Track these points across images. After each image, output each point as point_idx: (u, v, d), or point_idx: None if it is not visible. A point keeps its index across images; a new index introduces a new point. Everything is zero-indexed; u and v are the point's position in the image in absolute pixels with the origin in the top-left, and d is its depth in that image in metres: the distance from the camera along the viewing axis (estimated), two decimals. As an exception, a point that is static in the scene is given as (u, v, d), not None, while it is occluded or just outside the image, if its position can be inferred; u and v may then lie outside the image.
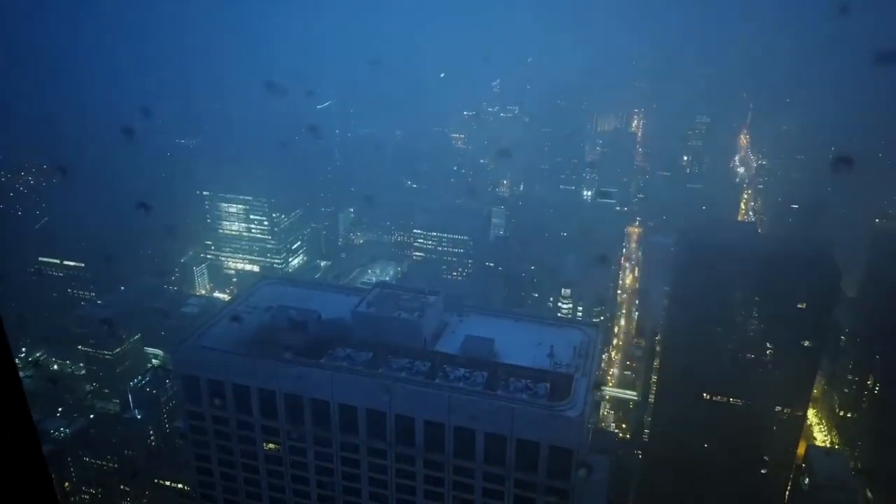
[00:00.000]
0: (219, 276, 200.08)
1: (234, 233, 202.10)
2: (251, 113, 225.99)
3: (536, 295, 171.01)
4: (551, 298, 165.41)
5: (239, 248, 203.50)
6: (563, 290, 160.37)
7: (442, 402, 47.00)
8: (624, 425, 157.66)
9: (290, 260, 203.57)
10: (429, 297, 55.36)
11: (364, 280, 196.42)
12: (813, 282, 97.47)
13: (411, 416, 48.33)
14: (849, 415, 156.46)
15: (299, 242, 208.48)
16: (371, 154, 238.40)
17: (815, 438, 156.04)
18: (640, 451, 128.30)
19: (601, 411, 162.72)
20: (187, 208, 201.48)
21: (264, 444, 55.92)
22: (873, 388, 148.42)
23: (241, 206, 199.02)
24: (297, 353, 52.54)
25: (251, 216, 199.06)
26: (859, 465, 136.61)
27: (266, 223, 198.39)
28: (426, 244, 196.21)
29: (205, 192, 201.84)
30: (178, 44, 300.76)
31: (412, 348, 52.23)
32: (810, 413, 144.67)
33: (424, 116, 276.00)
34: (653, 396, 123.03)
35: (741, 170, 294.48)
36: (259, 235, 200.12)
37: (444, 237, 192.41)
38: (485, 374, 49.34)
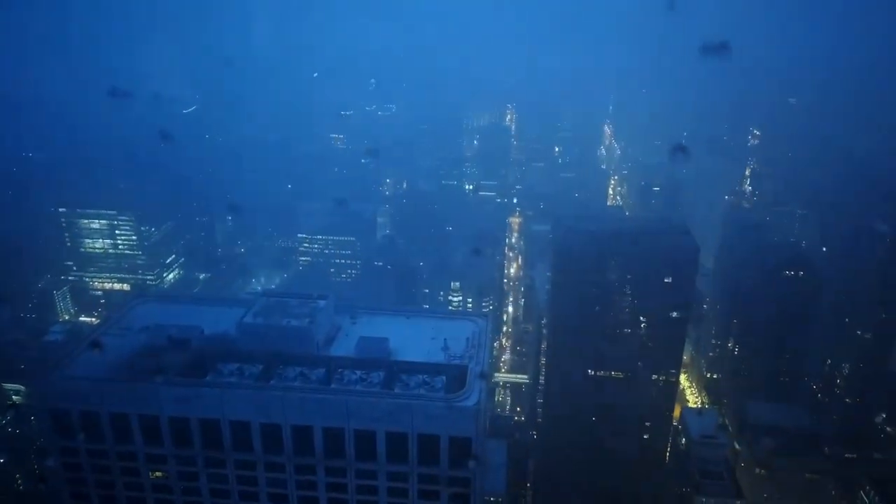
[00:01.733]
0: (84, 299, 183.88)
1: (98, 250, 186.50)
2: (105, 121, 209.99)
3: (427, 290, 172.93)
4: (441, 292, 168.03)
5: (105, 267, 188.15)
6: (452, 283, 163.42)
7: (340, 407, 46.37)
8: (518, 408, 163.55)
9: (164, 275, 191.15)
10: (318, 301, 54.26)
11: (249, 290, 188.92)
12: (675, 257, 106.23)
13: (309, 424, 47.24)
14: (715, 376, 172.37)
15: (173, 256, 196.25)
16: (246, 159, 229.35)
17: (688, 401, 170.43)
18: (534, 432, 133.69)
19: (496, 397, 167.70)
20: (40, 227, 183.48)
21: (150, 474, 52.36)
22: (733, 350, 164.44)
23: (104, 222, 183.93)
24: (180, 374, 49.58)
25: (117, 231, 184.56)
26: (726, 421, 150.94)
27: (134, 238, 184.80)
28: (312, 248, 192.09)
29: (61, 209, 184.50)
30: (16, 52, 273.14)
31: (305, 356, 51.01)
32: (682, 378, 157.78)
33: (300, 117, 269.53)
34: (543, 378, 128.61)
35: (607, 157, 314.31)
36: (127, 251, 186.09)
37: (330, 240, 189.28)
38: (381, 373, 49.22)
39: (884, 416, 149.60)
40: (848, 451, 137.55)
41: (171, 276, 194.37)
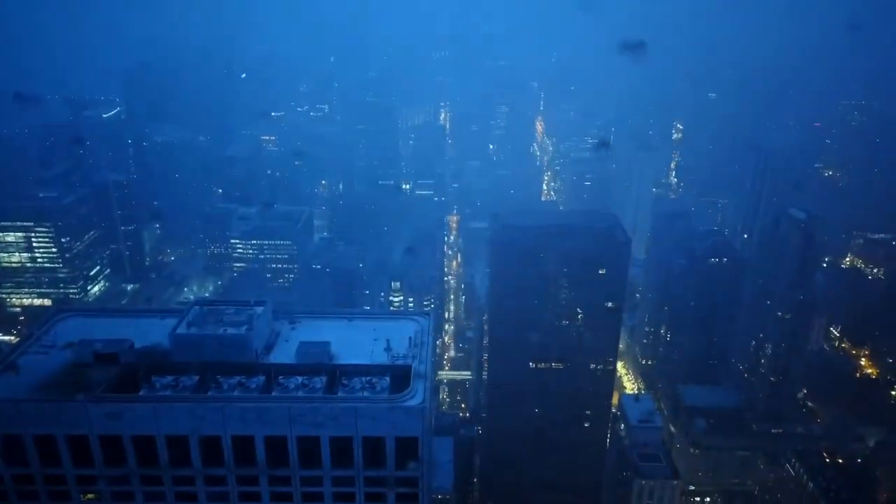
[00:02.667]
0: (1, 316, 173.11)
1: (14, 265, 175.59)
2: (16, 128, 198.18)
3: (367, 292, 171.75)
4: (382, 293, 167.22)
5: (24, 282, 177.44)
6: (392, 283, 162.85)
7: (282, 415, 45.41)
8: (463, 405, 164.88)
9: (88, 288, 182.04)
10: (255, 308, 52.89)
11: (181, 299, 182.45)
12: (608, 249, 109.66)
13: (250, 434, 46.04)
14: (649, 362, 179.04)
15: (98, 267, 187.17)
16: (173, 162, 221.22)
17: (625, 387, 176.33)
18: (479, 427, 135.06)
19: (441, 395, 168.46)
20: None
21: (81, 496, 49.83)
22: (665, 336, 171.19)
23: (19, 235, 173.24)
24: (110, 389, 47.35)
25: (34, 244, 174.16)
26: (661, 405, 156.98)
27: (54, 250, 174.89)
28: (247, 253, 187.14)
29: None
30: None
31: (243, 364, 49.66)
32: (619, 365, 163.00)
33: (229, 119, 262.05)
34: (486, 373, 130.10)
35: (540, 154, 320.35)
36: (47, 265, 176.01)
37: (265, 244, 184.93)
38: (324, 378, 48.52)
39: (805, 391, 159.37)
40: (774, 427, 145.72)
41: (96, 288, 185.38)
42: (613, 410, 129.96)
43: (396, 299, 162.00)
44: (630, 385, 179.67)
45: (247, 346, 50.38)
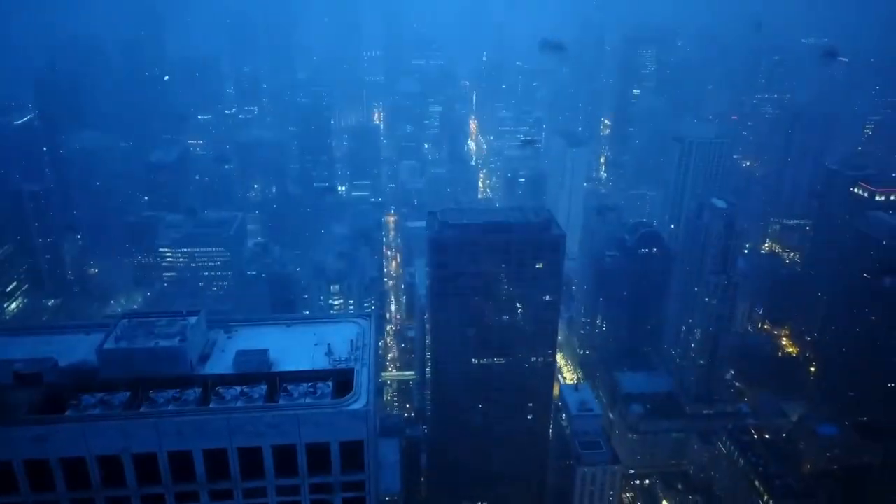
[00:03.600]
0: None
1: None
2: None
3: (306, 296, 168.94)
4: (321, 297, 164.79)
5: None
6: (331, 286, 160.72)
7: (221, 427, 44.10)
8: (408, 405, 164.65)
9: (5, 306, 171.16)
10: (189, 318, 51.09)
11: (108, 313, 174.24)
12: (544, 243, 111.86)
13: (187, 449, 44.47)
14: (587, 352, 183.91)
15: (15, 283, 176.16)
16: (94, 170, 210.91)
17: (565, 378, 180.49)
18: (425, 426, 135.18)
19: (385, 397, 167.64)
20: None
21: (6, 527, 47.00)
22: (601, 326, 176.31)
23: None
24: (34, 411, 44.79)
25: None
26: (600, 394, 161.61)
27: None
28: (177, 262, 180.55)
29: None
30: None
31: (178, 377, 47.91)
32: (558, 357, 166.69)
33: (153, 124, 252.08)
34: (429, 372, 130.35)
35: (475, 152, 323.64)
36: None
37: (196, 252, 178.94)
38: (263, 386, 47.42)
39: (732, 372, 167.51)
40: (705, 408, 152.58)
41: (13, 305, 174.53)
42: (555, 401, 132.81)
43: (336, 302, 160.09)
44: (570, 376, 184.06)
45: (181, 358, 48.67)
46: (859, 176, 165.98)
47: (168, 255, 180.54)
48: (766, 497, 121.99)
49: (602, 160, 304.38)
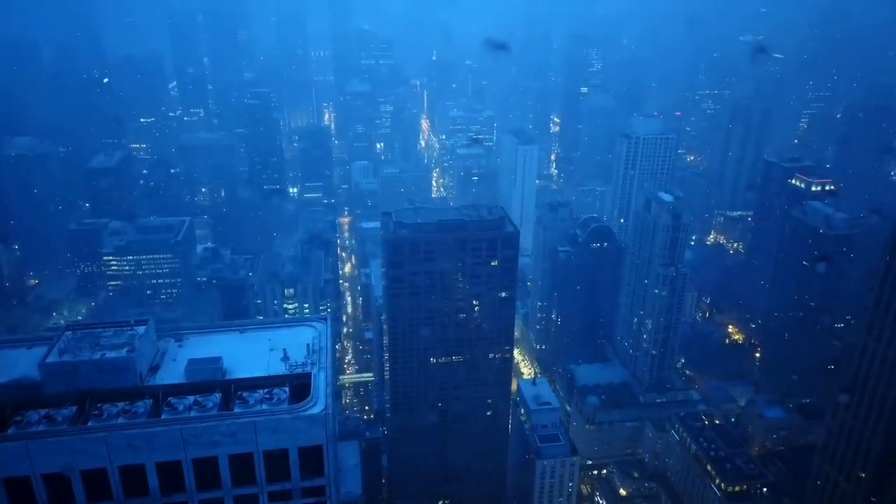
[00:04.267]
0: None
1: None
2: None
3: (259, 301, 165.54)
4: (276, 301, 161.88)
5: None
6: (285, 290, 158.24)
7: (174, 438, 42.93)
8: (367, 407, 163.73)
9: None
10: (136, 328, 49.52)
11: (50, 325, 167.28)
12: (498, 241, 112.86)
13: (139, 463, 43.14)
14: (543, 347, 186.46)
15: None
16: (30, 178, 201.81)
17: (523, 373, 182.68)
18: (385, 428, 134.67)
19: (344, 399, 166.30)
20: None
21: (-55, 555, 44.61)
22: (556, 321, 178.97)
23: None
24: (-28, 432, 42.72)
25: None
26: (557, 387, 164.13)
27: None
28: (123, 270, 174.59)
29: None
30: None
31: (127, 389, 46.39)
32: (516, 353, 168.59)
33: (92, 128, 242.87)
34: (388, 373, 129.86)
35: (427, 151, 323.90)
36: None
37: (142, 259, 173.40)
38: (217, 395, 46.34)
39: (682, 360, 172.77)
40: (658, 397, 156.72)
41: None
42: (513, 397, 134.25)
43: (291, 306, 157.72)
44: (527, 371, 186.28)
45: (129, 369, 47.17)
46: (796, 168, 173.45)
47: (113, 263, 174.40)
48: (717, 480, 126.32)
49: (553, 157, 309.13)
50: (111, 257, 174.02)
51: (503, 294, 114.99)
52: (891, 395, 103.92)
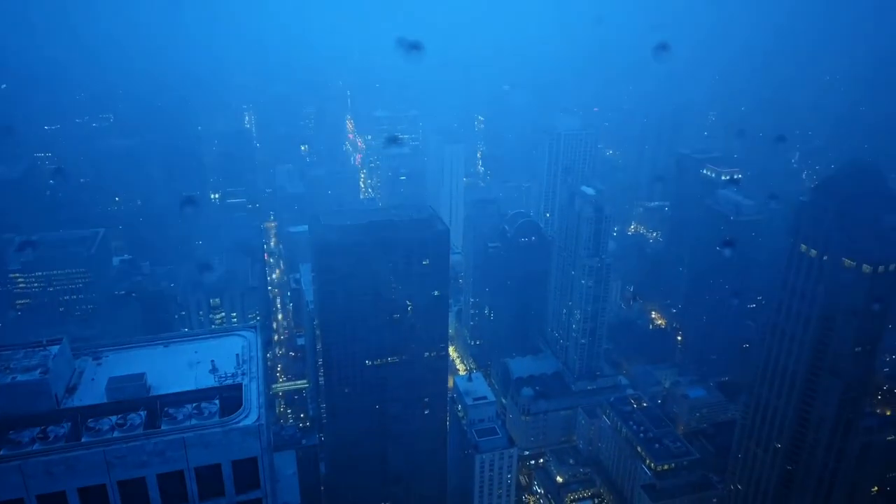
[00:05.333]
0: None
1: None
2: None
3: (184, 313, 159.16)
4: (201, 312, 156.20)
5: None
6: (211, 300, 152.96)
7: (97, 461, 40.84)
8: (302, 414, 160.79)
9: None
10: (50, 348, 46.75)
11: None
12: (429, 239, 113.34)
13: (60, 490, 40.82)
14: (477, 342, 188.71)
15: None
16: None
17: (459, 370, 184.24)
18: (321, 434, 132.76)
19: (277, 408, 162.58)
20: None
21: None
22: (489, 316, 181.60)
23: None
24: None
25: None
26: (492, 381, 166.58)
27: None
28: (31, 287, 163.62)
29: None
30: None
31: (42, 413, 43.74)
32: (451, 350, 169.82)
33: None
34: (322, 378, 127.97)
35: (354, 152, 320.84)
36: None
37: (53, 274, 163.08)
38: (142, 413, 44.41)
39: (610, 347, 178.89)
40: (589, 384, 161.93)
41: None
42: (450, 394, 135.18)
43: (217, 316, 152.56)
44: (462, 367, 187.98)
45: (43, 392, 44.53)
46: (706, 159, 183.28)
47: (20, 280, 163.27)
48: (647, 460, 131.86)
49: (479, 155, 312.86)
50: (18, 274, 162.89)
51: (436, 292, 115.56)
52: (800, 370, 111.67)
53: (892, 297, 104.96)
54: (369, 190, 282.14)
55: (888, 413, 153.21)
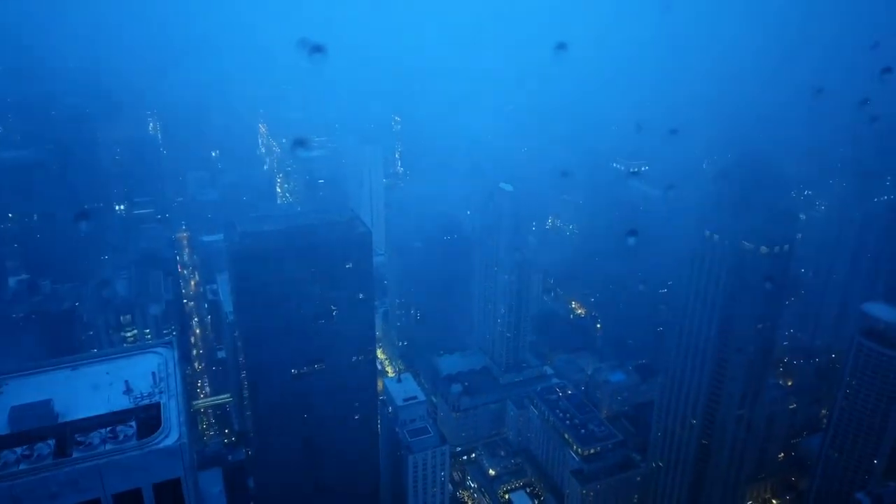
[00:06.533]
0: None
1: None
2: None
3: (91, 332, 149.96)
4: (110, 331, 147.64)
5: None
6: (121, 317, 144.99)
7: (1, 498, 38.01)
8: (227, 430, 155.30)
9: None
10: (-62, 380, 43.08)
11: None
12: (350, 242, 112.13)
13: (-41, 533, 37.70)
14: (405, 343, 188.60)
15: None
16: None
17: (388, 372, 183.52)
18: (248, 449, 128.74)
19: (201, 426, 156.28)
20: None
21: None
22: (415, 316, 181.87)
23: None
24: None
25: None
26: (422, 380, 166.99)
27: None
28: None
29: None
30: None
31: (-67, 452, 40.18)
32: (379, 353, 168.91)
33: None
34: (246, 391, 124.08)
35: (268, 156, 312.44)
36: None
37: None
38: (51, 442, 41.71)
39: (535, 339, 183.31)
40: (516, 376, 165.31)
41: None
42: (380, 396, 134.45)
43: (129, 334, 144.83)
44: (391, 369, 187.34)
45: (-65, 428, 40.97)
46: (616, 153, 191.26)
47: None
48: (574, 446, 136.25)
49: (397, 155, 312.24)
50: None
51: (360, 295, 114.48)
52: (710, 349, 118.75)
53: (788, 275, 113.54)
54: (287, 195, 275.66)
55: (790, 383, 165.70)
